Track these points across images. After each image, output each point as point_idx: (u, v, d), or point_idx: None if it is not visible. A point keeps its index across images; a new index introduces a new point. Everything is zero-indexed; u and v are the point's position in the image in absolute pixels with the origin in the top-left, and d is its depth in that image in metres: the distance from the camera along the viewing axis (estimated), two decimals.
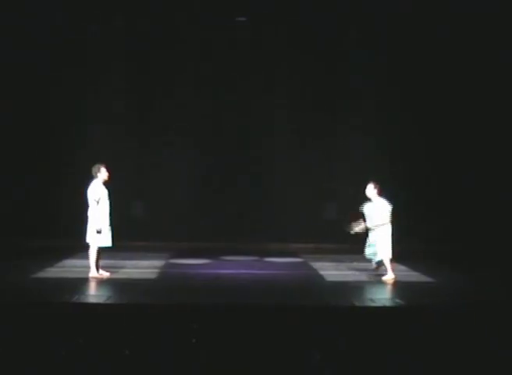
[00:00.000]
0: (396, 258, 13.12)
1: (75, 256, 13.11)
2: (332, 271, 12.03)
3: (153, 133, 15.27)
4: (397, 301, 9.16)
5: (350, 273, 11.85)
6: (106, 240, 10.45)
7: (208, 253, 13.74)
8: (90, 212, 10.43)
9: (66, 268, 11.79)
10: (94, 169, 10.52)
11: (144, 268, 12.10)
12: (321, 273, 11.67)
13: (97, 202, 10.35)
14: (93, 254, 10.44)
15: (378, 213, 10.63)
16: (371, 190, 10.71)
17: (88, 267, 10.61)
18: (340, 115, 15.42)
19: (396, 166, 15.29)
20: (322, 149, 15.33)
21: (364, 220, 10.75)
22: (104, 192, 10.50)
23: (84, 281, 10.38)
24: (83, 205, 14.53)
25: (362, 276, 11.26)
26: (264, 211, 15.23)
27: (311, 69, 15.32)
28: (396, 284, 10.44)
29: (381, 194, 10.73)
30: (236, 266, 12.40)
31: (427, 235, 14.77)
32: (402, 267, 12.33)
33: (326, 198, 12.84)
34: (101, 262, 10.86)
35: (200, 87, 15.38)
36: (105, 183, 10.55)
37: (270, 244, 15.01)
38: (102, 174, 10.48)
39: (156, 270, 11.71)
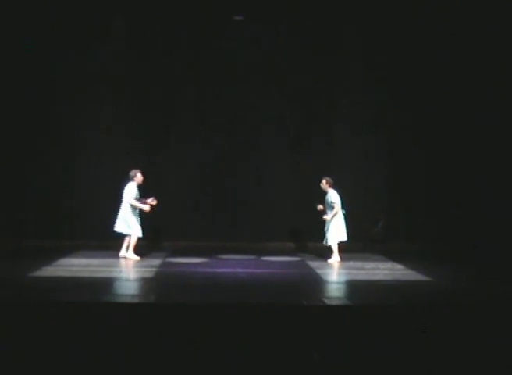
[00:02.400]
0: (393, 257, 13.28)
1: (72, 255, 13.15)
2: (328, 270, 12.06)
3: (152, 134, 15.22)
4: (392, 300, 9.19)
5: (346, 271, 11.88)
6: (139, 230, 12.65)
7: (206, 252, 13.74)
8: (125, 208, 12.54)
9: (64, 267, 11.78)
10: (131, 174, 12.62)
11: (141, 267, 12.11)
12: (318, 271, 11.68)
13: (132, 200, 12.49)
14: (133, 241, 12.59)
15: (330, 204, 12.64)
16: (323, 184, 12.73)
17: (84, 266, 11.85)
18: (340, 114, 15.41)
19: (394, 165, 15.31)
20: (322, 148, 15.31)
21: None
22: (137, 192, 12.66)
23: (81, 280, 10.41)
24: (82, 205, 14.78)
25: (359, 275, 11.28)
26: (263, 210, 15.22)
27: (311, 68, 15.31)
28: (393, 284, 10.47)
29: (332, 187, 12.69)
30: (234, 265, 12.39)
31: (424, 234, 14.78)
32: (399, 266, 12.37)
33: (323, 197, 12.88)
34: (98, 261, 12.40)
35: (199, 87, 15.34)
36: (139, 186, 12.71)
37: (268, 243, 15.01)
38: (138, 178, 12.63)
39: (153, 269, 11.70)
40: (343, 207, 12.82)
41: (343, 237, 12.79)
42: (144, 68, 15.16)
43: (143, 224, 12.78)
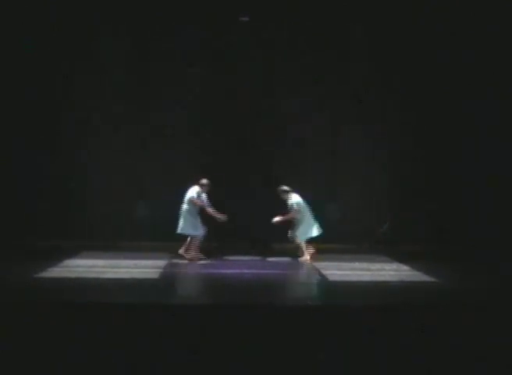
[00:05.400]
0: (399, 258, 13.25)
1: (78, 256, 13.16)
2: (334, 271, 12.04)
3: (154, 133, 15.23)
4: (398, 301, 9.19)
5: (352, 272, 11.86)
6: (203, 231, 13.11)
7: (211, 253, 13.73)
8: (189, 210, 12.98)
9: (69, 268, 11.80)
10: (202, 182, 13.12)
11: (146, 268, 12.11)
12: (324, 272, 11.68)
13: (195, 203, 12.96)
14: (197, 242, 13.04)
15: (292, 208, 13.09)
16: (281, 195, 13.22)
17: (90, 267, 11.84)
18: (342, 114, 15.41)
19: (397, 166, 15.29)
20: (323, 148, 15.31)
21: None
22: (203, 197, 13.17)
23: (87, 281, 10.42)
24: (88, 206, 14.78)
25: (365, 276, 11.26)
26: (267, 210, 15.18)
27: (312, 68, 15.31)
28: (399, 285, 10.45)
29: (289, 193, 13.15)
30: (239, 266, 12.39)
31: (429, 235, 14.75)
32: (405, 267, 12.35)
33: (328, 198, 12.89)
34: (104, 262, 12.40)
35: (202, 87, 15.36)
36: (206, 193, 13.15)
37: (273, 244, 14.99)
38: (206, 187, 13.14)
39: (159, 270, 11.70)
40: (309, 204, 13.00)
41: (313, 233, 12.98)
42: (145, 68, 15.18)
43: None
